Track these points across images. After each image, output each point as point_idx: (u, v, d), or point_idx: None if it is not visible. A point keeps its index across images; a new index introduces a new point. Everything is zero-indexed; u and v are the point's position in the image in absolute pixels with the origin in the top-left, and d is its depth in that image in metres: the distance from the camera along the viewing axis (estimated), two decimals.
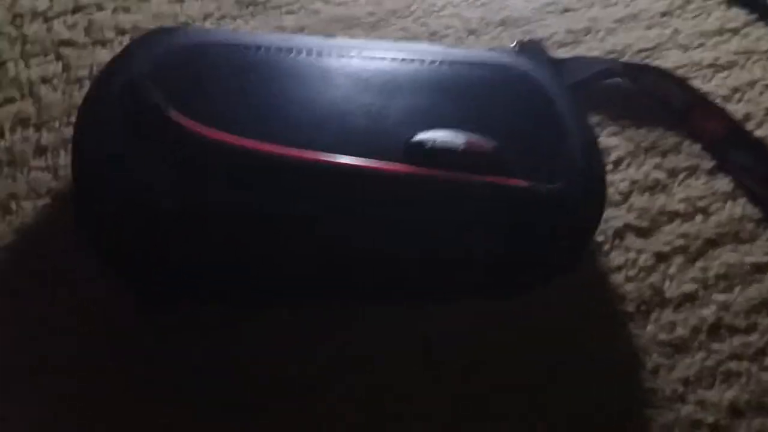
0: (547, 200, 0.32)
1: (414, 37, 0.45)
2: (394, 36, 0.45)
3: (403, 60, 0.34)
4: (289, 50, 0.34)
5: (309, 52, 0.34)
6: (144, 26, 0.43)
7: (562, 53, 0.45)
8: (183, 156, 0.30)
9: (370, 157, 0.31)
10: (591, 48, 0.46)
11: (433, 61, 0.35)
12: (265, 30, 0.43)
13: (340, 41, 0.36)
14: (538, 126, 0.34)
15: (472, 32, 0.46)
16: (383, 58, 0.34)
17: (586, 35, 0.46)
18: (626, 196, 0.41)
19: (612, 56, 0.45)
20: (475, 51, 0.39)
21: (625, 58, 0.45)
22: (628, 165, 0.42)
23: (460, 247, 0.32)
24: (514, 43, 0.43)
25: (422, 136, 0.32)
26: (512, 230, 0.32)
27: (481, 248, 0.32)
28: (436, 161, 0.31)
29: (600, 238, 0.39)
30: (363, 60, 0.34)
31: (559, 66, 0.43)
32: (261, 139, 0.30)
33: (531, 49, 0.43)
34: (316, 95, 0.33)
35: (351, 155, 0.31)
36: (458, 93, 0.34)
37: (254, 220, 0.30)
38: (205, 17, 0.43)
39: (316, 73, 0.33)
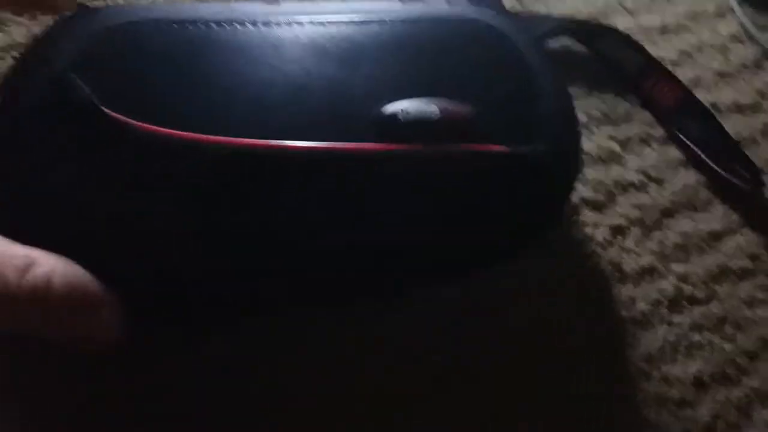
0: (529, 163, 0.30)
1: None
2: None
3: (361, 22, 0.31)
4: (231, 22, 0.29)
5: (254, 23, 0.30)
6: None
7: None
8: (127, 157, 0.26)
9: (338, 138, 0.28)
10: None
11: (394, 21, 0.31)
12: None
13: (288, 6, 0.31)
14: (511, 84, 0.31)
15: None
16: (339, 22, 0.31)
17: (535, 1, 0.44)
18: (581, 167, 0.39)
19: None
20: (435, 5, 0.35)
21: None
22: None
23: (444, 222, 0.30)
24: None
25: (393, 108, 0.29)
26: (495, 197, 0.30)
27: (466, 220, 0.30)
28: (412, 134, 0.28)
29: None
30: (317, 26, 0.30)
31: (515, 19, 0.40)
32: (213, 128, 0.27)
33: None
34: (269, 72, 0.29)
35: (318, 136, 0.28)
36: (424, 54, 0.31)
37: (217, 223, 0.27)
38: None
39: (266, 47, 0.29)
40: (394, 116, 0.28)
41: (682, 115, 0.41)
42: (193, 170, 0.27)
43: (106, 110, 0.26)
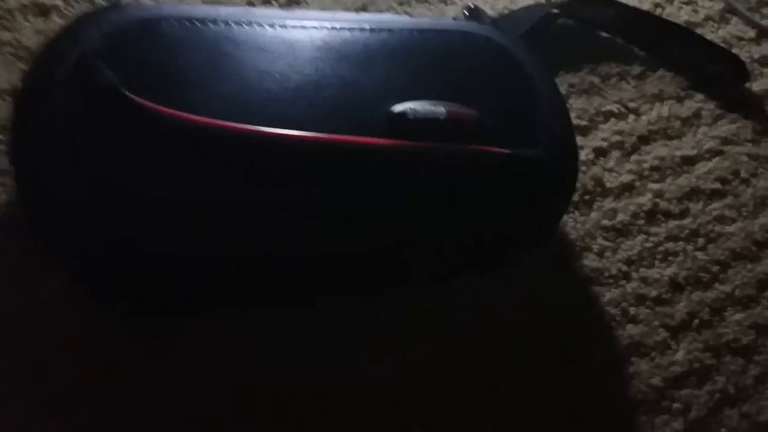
0: (530, 166, 0.32)
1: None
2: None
3: (372, 30, 0.33)
4: (250, 23, 0.31)
5: (272, 25, 0.32)
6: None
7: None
8: (148, 139, 0.28)
9: (350, 132, 0.29)
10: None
11: (402, 30, 0.33)
12: None
13: (302, 12, 0.34)
14: (512, 92, 0.34)
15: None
16: (351, 29, 0.33)
17: None
18: (566, 97, 0.43)
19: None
20: (441, 19, 0.37)
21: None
22: (566, 71, 0.44)
23: (447, 217, 0.31)
24: (465, 9, 0.43)
25: (403, 106, 0.30)
26: (498, 197, 0.32)
27: (468, 216, 0.32)
28: (419, 132, 0.30)
29: None
30: (331, 31, 0.32)
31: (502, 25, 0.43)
32: (231, 118, 0.28)
33: (476, 14, 0.43)
34: (285, 69, 0.30)
35: (329, 130, 0.29)
36: (431, 61, 0.33)
37: (229, 205, 0.28)
38: None
39: (282, 46, 0.31)
40: (403, 114, 0.30)
41: (666, 41, 0.46)
42: (208, 153, 0.28)
43: (127, 93, 0.27)
